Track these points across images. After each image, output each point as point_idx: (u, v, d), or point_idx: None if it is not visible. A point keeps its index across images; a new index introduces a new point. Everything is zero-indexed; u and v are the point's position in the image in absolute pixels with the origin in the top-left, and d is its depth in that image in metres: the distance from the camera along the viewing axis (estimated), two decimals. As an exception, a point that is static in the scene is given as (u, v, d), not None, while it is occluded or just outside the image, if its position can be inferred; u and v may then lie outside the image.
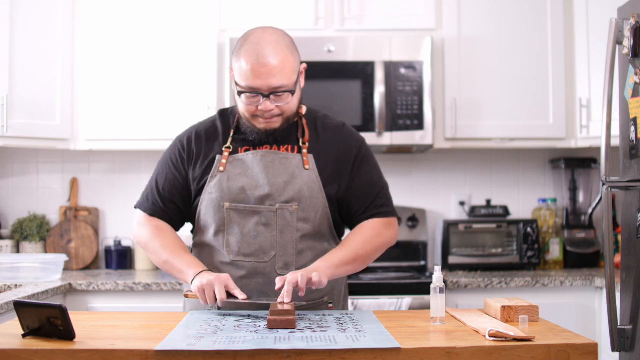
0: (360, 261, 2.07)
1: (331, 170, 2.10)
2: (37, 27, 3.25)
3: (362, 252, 2.06)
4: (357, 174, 2.12)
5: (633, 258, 2.35)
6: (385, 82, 3.27)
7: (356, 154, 2.14)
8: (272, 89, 1.98)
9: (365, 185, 2.13)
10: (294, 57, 2.02)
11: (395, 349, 1.49)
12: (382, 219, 2.13)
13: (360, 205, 2.12)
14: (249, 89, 1.98)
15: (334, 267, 1.99)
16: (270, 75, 1.96)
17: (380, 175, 2.18)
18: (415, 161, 3.73)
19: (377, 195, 2.13)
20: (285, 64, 1.98)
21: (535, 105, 3.39)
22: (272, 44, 1.97)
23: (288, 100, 2.02)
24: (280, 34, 2.03)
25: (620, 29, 2.41)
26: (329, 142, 2.13)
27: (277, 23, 3.38)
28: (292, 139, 2.11)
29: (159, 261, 2.09)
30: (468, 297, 3.07)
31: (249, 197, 2.04)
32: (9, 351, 1.48)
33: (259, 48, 1.96)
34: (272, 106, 2.00)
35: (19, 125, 3.18)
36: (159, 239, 2.09)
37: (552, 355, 1.52)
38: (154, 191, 2.14)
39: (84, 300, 3.04)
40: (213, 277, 1.89)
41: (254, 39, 1.99)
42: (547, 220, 3.58)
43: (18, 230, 3.54)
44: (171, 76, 3.35)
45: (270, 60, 1.96)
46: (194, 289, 1.92)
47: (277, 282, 1.90)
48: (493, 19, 3.41)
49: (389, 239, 2.14)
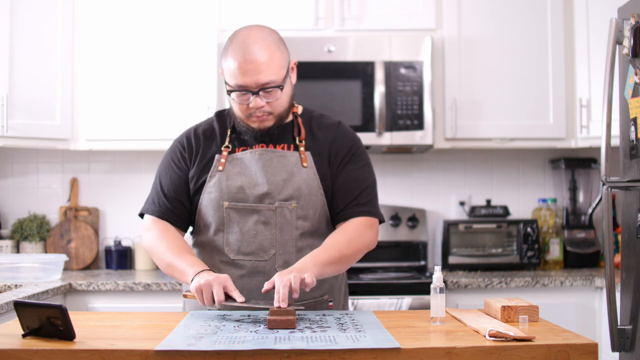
0: (344, 261, 2.02)
1: (326, 168, 2.10)
2: (37, 27, 3.25)
3: (347, 253, 2.01)
4: (344, 169, 2.10)
5: (633, 258, 2.35)
6: (385, 82, 3.27)
7: (346, 152, 2.12)
8: (260, 85, 1.98)
9: (349, 181, 2.09)
10: (281, 53, 2.02)
11: (395, 349, 1.49)
12: (363, 218, 2.08)
13: (342, 201, 2.08)
14: (238, 87, 1.99)
15: (321, 266, 1.93)
16: (257, 71, 1.96)
17: (368, 175, 2.13)
18: (415, 161, 3.73)
19: (360, 193, 2.09)
20: (272, 60, 1.98)
21: (535, 105, 3.39)
22: (258, 41, 1.98)
23: (277, 96, 2.01)
24: (266, 31, 2.03)
25: (620, 29, 2.41)
26: (324, 140, 2.13)
27: (277, 23, 3.40)
28: (288, 138, 2.11)
29: (163, 264, 2.06)
30: (468, 297, 3.07)
31: (247, 195, 2.04)
32: (9, 351, 1.48)
33: (244, 45, 1.97)
34: (262, 102, 2.00)
35: (19, 125, 3.18)
36: (164, 241, 2.07)
37: (552, 355, 1.52)
38: (160, 193, 2.12)
39: (84, 300, 3.05)
40: (212, 278, 1.85)
41: (240, 37, 2.00)
42: (547, 220, 3.58)
43: (18, 230, 3.54)
44: (171, 76, 3.35)
45: (257, 56, 1.96)
46: (192, 289, 1.89)
47: (265, 285, 1.83)
48: (493, 19, 3.41)
49: (369, 241, 2.08)
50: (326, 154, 2.11)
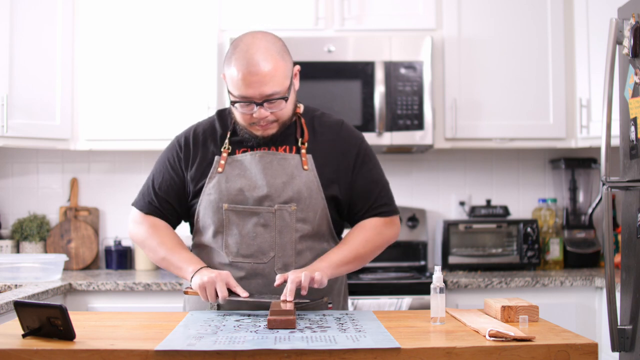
0: (360, 260, 2.09)
1: (330, 170, 2.09)
2: (37, 27, 3.25)
3: (363, 252, 2.08)
4: (359, 172, 2.12)
5: (633, 258, 2.35)
6: (385, 82, 3.27)
7: (357, 153, 2.13)
8: (264, 97, 1.96)
9: (367, 184, 2.12)
10: (285, 63, 1.99)
11: (395, 349, 1.49)
12: (383, 218, 2.13)
13: (362, 205, 2.12)
14: (242, 98, 1.98)
15: (334, 267, 2.00)
16: (262, 83, 1.94)
17: (381, 173, 2.17)
18: (415, 161, 3.73)
19: (378, 194, 2.13)
20: (276, 71, 1.95)
21: (535, 105, 3.39)
22: (262, 51, 1.95)
23: (282, 106, 2.01)
24: (270, 39, 2.00)
25: (620, 29, 2.41)
26: (328, 141, 2.12)
27: (277, 23, 3.40)
28: (291, 140, 2.11)
29: (156, 258, 2.10)
30: (468, 297, 3.07)
31: (247, 198, 2.04)
32: (9, 351, 1.48)
33: (248, 56, 1.94)
34: (266, 113, 1.99)
35: (19, 125, 3.18)
36: (156, 236, 2.10)
37: (552, 355, 1.52)
38: (150, 190, 2.14)
39: (84, 300, 3.04)
40: (214, 275, 1.89)
41: (243, 46, 1.97)
42: (547, 220, 3.58)
43: (18, 230, 3.54)
44: (171, 76, 3.35)
45: (261, 68, 1.94)
46: (195, 286, 1.92)
47: (277, 278, 1.91)
48: (493, 19, 3.40)
49: (389, 237, 2.15)
50: (331, 156, 2.11)
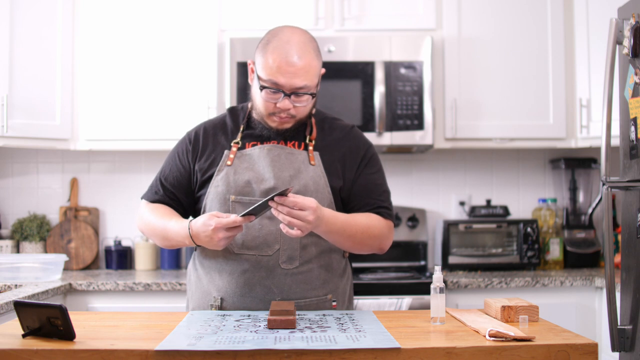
0: (351, 241, 2.04)
1: (336, 168, 2.11)
2: (37, 27, 3.25)
3: (360, 236, 2.04)
4: (362, 173, 2.14)
5: (633, 258, 2.35)
6: (385, 82, 3.27)
7: (363, 155, 2.16)
8: (294, 89, 2.01)
9: (368, 184, 2.13)
10: (318, 61, 2.06)
11: (395, 349, 1.49)
12: (385, 220, 2.12)
13: (362, 202, 2.12)
14: (272, 84, 2.01)
15: (332, 225, 1.97)
16: (295, 75, 1.99)
17: (384, 180, 2.19)
18: (415, 161, 3.73)
19: (379, 196, 2.14)
20: (310, 66, 2.01)
21: (535, 105, 3.39)
22: (300, 45, 2.01)
23: (307, 102, 2.05)
24: (308, 37, 2.07)
25: (620, 29, 2.41)
26: (336, 141, 2.15)
27: (277, 23, 3.38)
28: (300, 136, 2.13)
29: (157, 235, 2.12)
30: (468, 297, 3.07)
31: (254, 190, 2.06)
32: (9, 351, 1.48)
33: (288, 47, 2.00)
34: (290, 105, 2.02)
35: (19, 125, 3.18)
36: (154, 213, 2.14)
37: (552, 355, 1.52)
38: (158, 182, 2.19)
39: (84, 300, 3.04)
40: (209, 231, 1.90)
41: (283, 36, 2.02)
42: (547, 220, 3.58)
43: (18, 230, 3.54)
44: (171, 76, 3.36)
45: (297, 60, 1.99)
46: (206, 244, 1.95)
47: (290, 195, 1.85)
48: (493, 19, 3.41)
49: (384, 238, 2.11)
50: (338, 155, 2.13)
